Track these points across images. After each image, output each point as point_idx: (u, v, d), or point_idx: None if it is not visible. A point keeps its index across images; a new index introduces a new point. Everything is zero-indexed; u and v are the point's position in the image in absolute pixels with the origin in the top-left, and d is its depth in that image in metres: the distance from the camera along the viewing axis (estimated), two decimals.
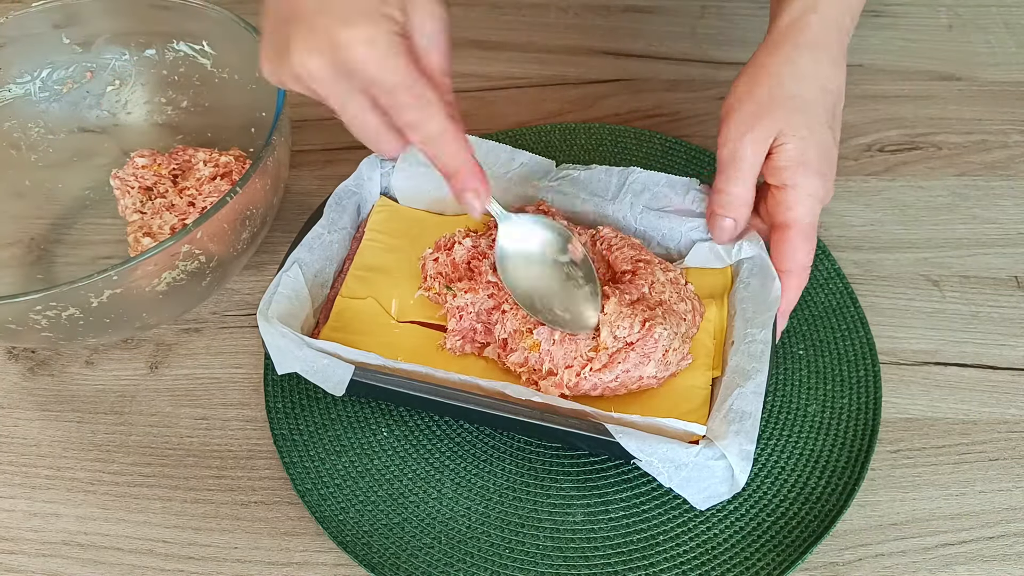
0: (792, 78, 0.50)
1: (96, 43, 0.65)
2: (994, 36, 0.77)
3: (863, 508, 0.50)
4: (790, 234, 0.50)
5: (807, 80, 0.50)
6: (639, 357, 0.48)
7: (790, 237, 0.50)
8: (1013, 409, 0.53)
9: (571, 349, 0.49)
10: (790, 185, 0.50)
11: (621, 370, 0.48)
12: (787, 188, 0.50)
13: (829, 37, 0.51)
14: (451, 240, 0.55)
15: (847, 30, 0.52)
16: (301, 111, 0.73)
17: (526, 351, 0.50)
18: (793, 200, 0.50)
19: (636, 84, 0.75)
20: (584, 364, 0.48)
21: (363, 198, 0.59)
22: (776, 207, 0.51)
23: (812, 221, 0.50)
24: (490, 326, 0.52)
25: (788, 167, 0.49)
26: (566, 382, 0.48)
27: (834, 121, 0.51)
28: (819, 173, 0.50)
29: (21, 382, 0.57)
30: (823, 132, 0.50)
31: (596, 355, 0.49)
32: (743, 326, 0.50)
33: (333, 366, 0.48)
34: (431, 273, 0.54)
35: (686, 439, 0.45)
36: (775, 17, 0.52)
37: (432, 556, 0.48)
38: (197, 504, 0.51)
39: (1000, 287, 0.60)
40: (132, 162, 0.62)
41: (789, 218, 0.50)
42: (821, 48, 0.51)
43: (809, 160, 0.49)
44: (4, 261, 0.62)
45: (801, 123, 0.49)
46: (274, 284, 0.51)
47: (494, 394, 0.47)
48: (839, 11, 0.51)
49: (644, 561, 0.47)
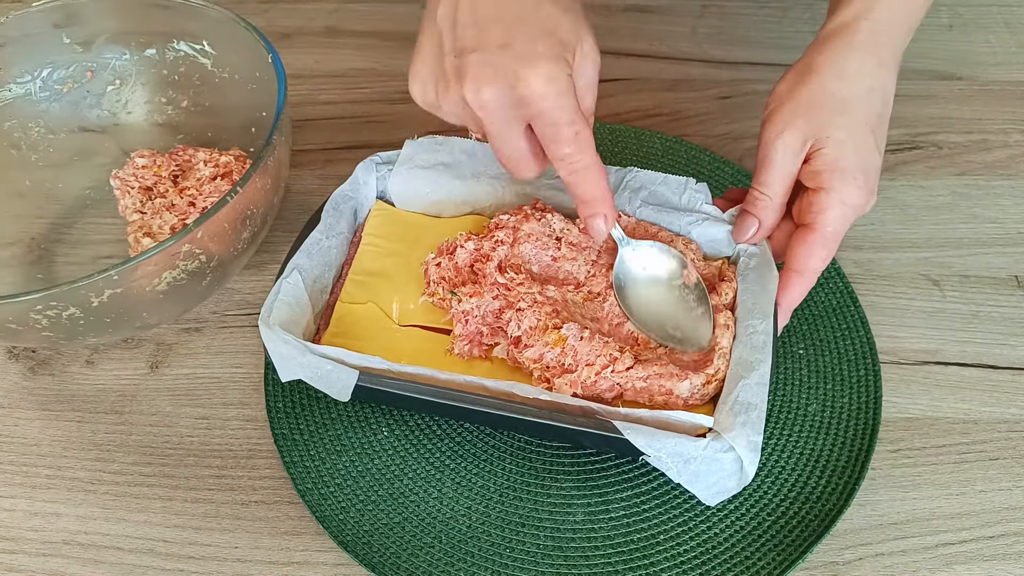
0: (836, 77, 0.49)
1: (96, 43, 0.65)
2: (994, 36, 0.78)
3: (863, 507, 0.50)
4: (811, 237, 0.49)
5: (852, 80, 0.49)
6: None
7: (810, 240, 0.49)
8: (1013, 408, 0.53)
9: (597, 347, 0.49)
10: (826, 188, 0.49)
11: (653, 372, 0.48)
12: (822, 191, 0.49)
13: (879, 40, 0.50)
14: (453, 244, 0.54)
15: (902, 36, 0.51)
16: (301, 111, 0.74)
17: (546, 346, 0.50)
18: (824, 204, 0.49)
19: (636, 84, 0.75)
20: (607, 364, 0.48)
21: (359, 202, 0.58)
22: (807, 208, 0.50)
23: (837, 229, 0.49)
24: (498, 327, 0.52)
25: (823, 171, 0.49)
26: (583, 379, 0.48)
27: (879, 125, 0.50)
28: (856, 180, 0.48)
29: (21, 382, 0.57)
30: (864, 136, 0.49)
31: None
32: (744, 318, 0.50)
33: (337, 372, 0.48)
34: (434, 278, 0.54)
35: (693, 433, 0.45)
36: (827, 18, 0.51)
37: (432, 556, 0.48)
38: (197, 504, 0.51)
39: (1000, 287, 0.60)
40: (132, 162, 0.62)
41: (815, 221, 0.49)
42: (869, 50, 0.49)
43: (846, 166, 0.48)
44: (4, 261, 0.62)
45: (840, 125, 0.48)
46: (274, 291, 0.51)
47: (501, 395, 0.47)
48: (892, 16, 0.50)
49: (644, 560, 0.47)
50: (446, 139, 0.59)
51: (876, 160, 0.50)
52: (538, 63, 0.43)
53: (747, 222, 0.52)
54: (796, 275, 0.50)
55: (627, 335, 0.51)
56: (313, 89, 0.76)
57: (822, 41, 0.51)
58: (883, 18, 0.50)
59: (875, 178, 0.50)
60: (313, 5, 0.84)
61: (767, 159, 0.50)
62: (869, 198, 0.50)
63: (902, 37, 0.51)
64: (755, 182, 0.51)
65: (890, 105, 0.51)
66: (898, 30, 0.50)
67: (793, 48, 0.77)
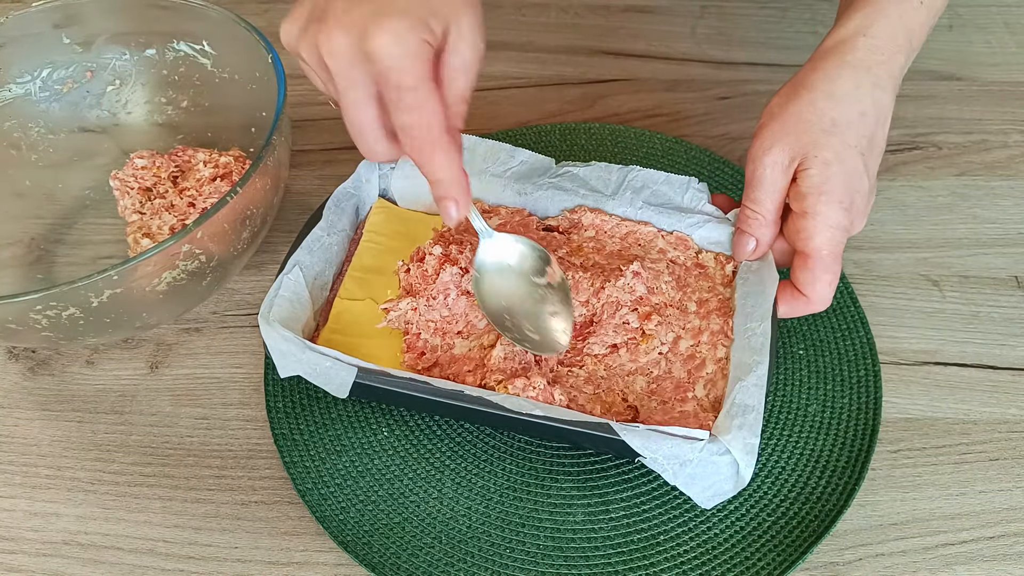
0: (828, 97, 0.48)
1: (96, 43, 0.65)
2: (994, 36, 0.78)
3: (863, 508, 0.50)
4: (810, 263, 0.49)
5: (843, 101, 0.48)
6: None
7: (810, 266, 0.49)
8: (1013, 409, 0.53)
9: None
10: (811, 213, 0.48)
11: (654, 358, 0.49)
12: (807, 216, 0.48)
13: (876, 58, 0.49)
14: (422, 251, 0.54)
15: (902, 57, 0.50)
16: (301, 111, 0.74)
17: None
18: (812, 229, 0.48)
19: (636, 84, 0.75)
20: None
21: (361, 200, 0.59)
22: (796, 235, 0.49)
23: (832, 251, 0.48)
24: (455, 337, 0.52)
25: (810, 194, 0.48)
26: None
27: (870, 149, 0.49)
28: (841, 203, 0.48)
29: (21, 382, 0.57)
30: (852, 159, 0.48)
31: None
32: (743, 322, 0.50)
33: (336, 368, 0.48)
34: (403, 285, 0.54)
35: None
36: (829, 32, 0.51)
37: (433, 556, 0.48)
38: (197, 504, 0.51)
39: (1000, 287, 0.60)
40: (131, 163, 0.62)
41: (808, 248, 0.48)
42: (865, 70, 0.49)
43: (832, 188, 0.47)
44: (4, 261, 0.62)
45: (828, 146, 0.48)
46: (275, 287, 0.51)
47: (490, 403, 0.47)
48: (892, 34, 0.49)
49: (644, 561, 0.47)
50: None
51: (864, 184, 0.49)
52: (391, 20, 0.41)
53: (745, 241, 0.52)
54: (803, 298, 0.50)
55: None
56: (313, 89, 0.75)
57: (818, 57, 0.50)
58: (882, 34, 0.49)
59: (863, 202, 0.49)
60: None
61: (756, 176, 0.50)
62: (855, 220, 0.49)
63: (902, 58, 0.50)
64: (746, 199, 0.51)
65: (885, 126, 0.50)
66: (898, 51, 0.50)
67: (793, 48, 0.77)
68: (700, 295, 0.53)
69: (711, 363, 0.50)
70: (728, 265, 0.54)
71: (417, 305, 0.52)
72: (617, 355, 0.50)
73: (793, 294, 0.50)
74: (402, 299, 0.53)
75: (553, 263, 0.51)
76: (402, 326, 0.53)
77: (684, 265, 0.55)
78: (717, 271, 0.54)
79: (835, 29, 0.51)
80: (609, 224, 0.56)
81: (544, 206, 0.58)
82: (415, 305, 0.52)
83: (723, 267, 0.54)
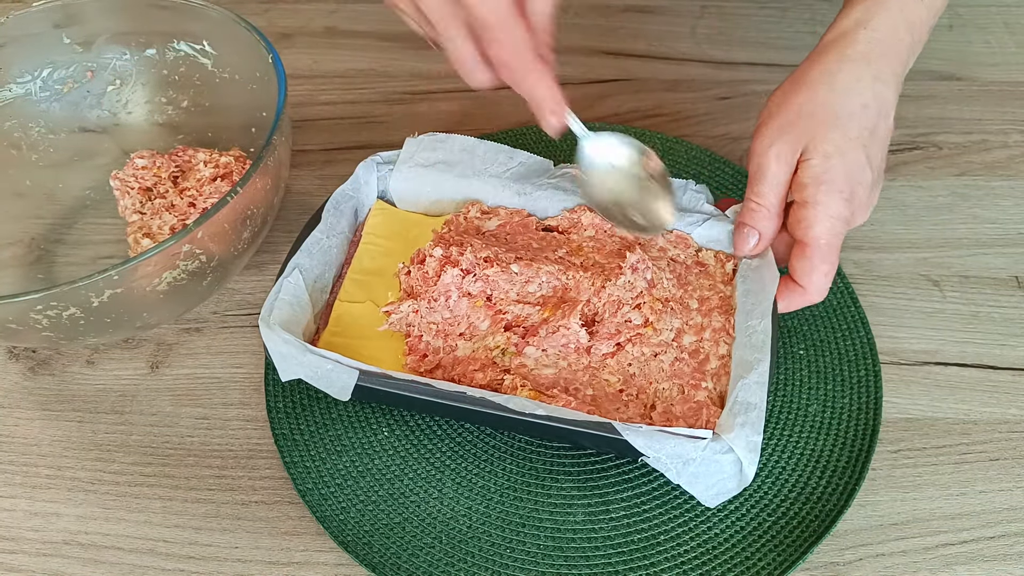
0: (829, 91, 0.49)
1: (96, 43, 0.65)
2: (994, 36, 0.78)
3: (864, 508, 0.50)
4: (808, 252, 0.49)
5: (844, 93, 0.49)
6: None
7: (808, 255, 0.49)
8: (1013, 409, 0.53)
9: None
10: (811, 203, 0.48)
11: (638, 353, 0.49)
12: (808, 205, 0.49)
13: (876, 52, 0.49)
14: (423, 253, 0.54)
15: (904, 51, 0.50)
16: (301, 111, 0.74)
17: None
18: (812, 219, 0.48)
19: (636, 84, 0.75)
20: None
21: (360, 202, 0.58)
22: (796, 224, 0.49)
23: (831, 242, 0.49)
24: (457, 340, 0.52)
25: (810, 184, 0.48)
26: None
27: (871, 140, 0.49)
28: (842, 193, 0.48)
29: (22, 382, 0.57)
30: (854, 151, 0.48)
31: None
32: (744, 319, 0.50)
33: (337, 371, 0.48)
34: (404, 287, 0.54)
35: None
36: (831, 25, 0.51)
37: (433, 556, 0.48)
38: (198, 504, 0.51)
39: (1000, 287, 0.60)
40: (132, 163, 0.62)
41: (807, 236, 0.49)
42: (865, 63, 0.49)
43: (833, 179, 0.48)
44: (4, 261, 0.62)
45: (830, 139, 0.48)
46: (275, 290, 0.51)
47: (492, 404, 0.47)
48: (893, 27, 0.49)
49: (645, 561, 0.47)
50: (447, 136, 0.60)
51: (867, 176, 0.49)
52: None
53: (747, 234, 0.52)
54: (800, 289, 0.50)
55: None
56: (313, 89, 0.76)
57: (819, 51, 0.51)
58: (883, 27, 0.49)
59: (865, 194, 0.49)
60: (313, 5, 0.84)
61: (760, 169, 0.50)
62: (857, 212, 0.49)
63: (904, 52, 0.50)
64: (750, 192, 0.51)
65: (889, 119, 0.50)
66: (899, 44, 0.50)
67: (793, 48, 0.78)
68: (701, 293, 0.53)
69: (715, 359, 0.50)
70: (728, 263, 0.54)
71: (418, 307, 0.52)
72: (625, 352, 0.51)
73: (789, 286, 0.50)
74: (403, 301, 0.53)
75: (650, 153, 0.53)
76: (404, 328, 0.53)
77: (684, 263, 0.55)
78: (717, 269, 0.54)
79: (836, 22, 0.51)
80: (609, 224, 0.56)
81: (544, 206, 0.58)
82: (416, 307, 0.52)
83: (723, 265, 0.54)
